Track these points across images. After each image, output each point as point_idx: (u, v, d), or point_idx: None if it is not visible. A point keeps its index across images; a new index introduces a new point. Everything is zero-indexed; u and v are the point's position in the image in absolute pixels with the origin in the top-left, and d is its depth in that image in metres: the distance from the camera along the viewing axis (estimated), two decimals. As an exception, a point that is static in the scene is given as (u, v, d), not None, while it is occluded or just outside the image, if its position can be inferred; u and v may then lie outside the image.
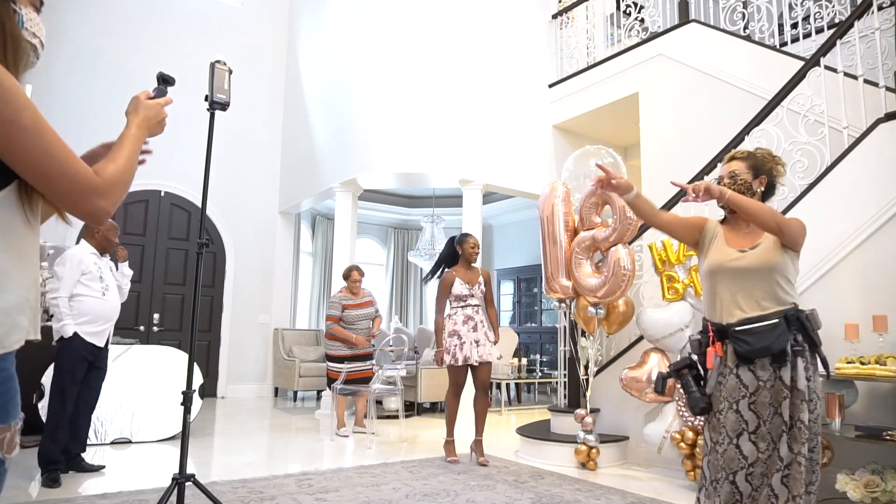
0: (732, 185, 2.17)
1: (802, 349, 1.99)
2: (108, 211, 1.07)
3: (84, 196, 1.03)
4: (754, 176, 2.19)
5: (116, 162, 1.12)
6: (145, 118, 1.28)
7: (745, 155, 2.24)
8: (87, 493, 3.36)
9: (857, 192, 3.59)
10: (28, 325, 1.04)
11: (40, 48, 1.09)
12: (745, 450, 2.00)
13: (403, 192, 10.73)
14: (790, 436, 1.95)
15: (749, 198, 2.13)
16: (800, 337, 2.01)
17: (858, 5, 4.00)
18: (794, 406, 1.96)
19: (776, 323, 2.01)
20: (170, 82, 1.64)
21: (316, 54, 8.10)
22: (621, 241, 4.17)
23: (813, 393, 1.99)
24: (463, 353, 4.29)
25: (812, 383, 2.00)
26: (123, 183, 1.11)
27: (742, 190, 2.16)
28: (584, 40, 7.22)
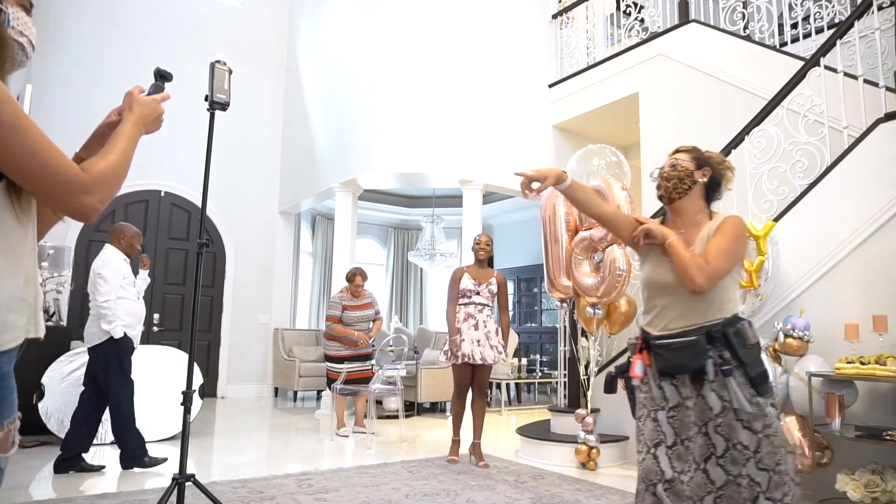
0: (673, 173, 2.04)
1: (732, 367, 1.82)
2: (95, 208, 1.06)
3: (69, 193, 1.01)
4: (697, 167, 2.05)
5: (107, 159, 1.10)
6: (141, 115, 1.26)
7: (689, 148, 2.14)
8: (88, 493, 3.37)
9: (857, 192, 3.59)
10: (26, 323, 1.03)
11: (29, 47, 1.08)
12: (661, 463, 1.87)
13: (403, 192, 10.73)
14: (726, 458, 1.82)
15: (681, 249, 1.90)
16: (727, 354, 1.84)
17: (858, 5, 4.00)
18: (731, 428, 1.82)
19: (694, 340, 1.85)
20: (167, 78, 1.61)
21: (316, 54, 8.10)
22: (617, 241, 4.17)
23: (760, 411, 1.81)
24: (461, 351, 4.28)
25: (760, 401, 1.82)
26: (113, 180, 1.10)
27: (682, 176, 2.02)
28: (584, 40, 7.22)
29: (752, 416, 1.81)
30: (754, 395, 1.81)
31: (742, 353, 1.83)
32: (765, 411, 1.82)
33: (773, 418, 1.84)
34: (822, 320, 3.52)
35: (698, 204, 2.05)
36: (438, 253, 9.71)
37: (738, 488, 1.80)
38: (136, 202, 7.79)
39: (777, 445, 1.82)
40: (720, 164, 2.11)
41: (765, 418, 1.82)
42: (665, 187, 2.06)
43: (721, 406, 1.83)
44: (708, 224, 2.01)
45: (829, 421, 3.10)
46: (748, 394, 1.81)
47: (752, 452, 1.80)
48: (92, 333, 3.93)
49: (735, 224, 1.96)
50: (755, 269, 3.64)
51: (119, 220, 7.63)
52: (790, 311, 3.68)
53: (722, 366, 1.83)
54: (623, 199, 4.14)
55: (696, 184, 2.04)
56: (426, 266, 10.09)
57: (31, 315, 1.05)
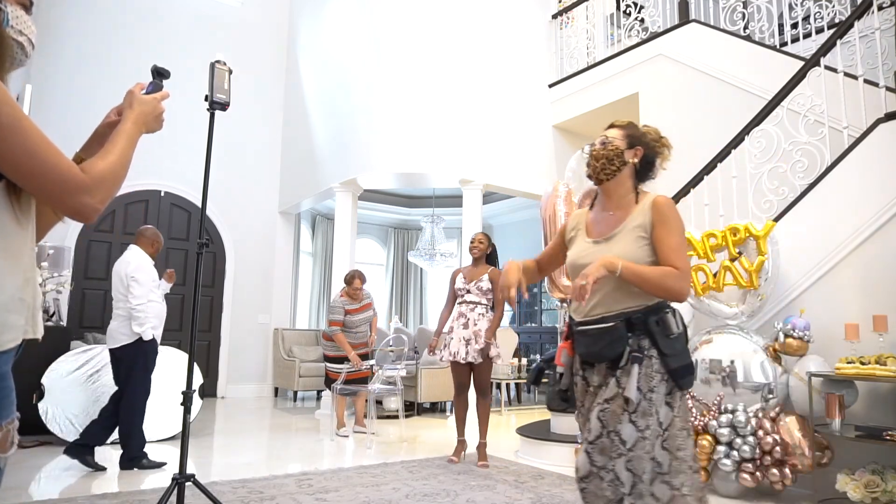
0: (602, 152, 1.89)
1: (643, 357, 1.71)
2: (95, 208, 1.05)
3: (69, 194, 1.01)
4: (629, 146, 1.90)
5: (106, 158, 1.10)
6: (141, 113, 1.24)
7: (624, 123, 1.98)
8: (87, 494, 3.36)
9: (857, 192, 3.59)
10: (25, 324, 1.03)
11: (29, 46, 1.08)
12: (578, 460, 1.76)
13: (403, 192, 10.73)
14: (595, 446, 1.71)
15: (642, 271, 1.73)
16: (646, 342, 1.73)
17: (858, 5, 3.99)
18: (614, 415, 1.69)
19: (612, 326, 1.74)
20: (165, 75, 1.59)
21: (316, 54, 8.10)
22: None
23: (650, 407, 1.68)
24: (449, 349, 4.34)
25: (652, 396, 1.69)
26: (113, 180, 1.09)
27: (611, 156, 1.88)
28: (584, 40, 7.22)
29: (641, 411, 1.68)
30: (650, 391, 1.69)
31: (662, 343, 1.72)
32: (652, 411, 1.69)
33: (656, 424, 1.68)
34: (822, 320, 3.52)
35: (627, 185, 1.91)
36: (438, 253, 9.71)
37: (601, 482, 1.69)
38: (136, 202, 7.79)
39: (648, 452, 1.67)
40: (656, 141, 1.97)
41: (649, 419, 1.67)
42: (593, 167, 1.91)
43: (615, 392, 1.71)
44: (637, 207, 1.87)
45: (830, 421, 3.10)
46: (646, 387, 1.69)
47: (626, 449, 1.67)
48: (120, 334, 4.04)
49: (672, 211, 1.83)
50: (755, 269, 3.64)
51: (119, 219, 7.64)
52: (790, 311, 3.68)
53: (634, 352, 1.71)
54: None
55: (626, 164, 1.90)
56: (426, 266, 10.09)
57: (30, 316, 1.05)
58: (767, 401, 3.49)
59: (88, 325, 7.16)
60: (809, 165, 4.00)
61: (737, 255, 3.77)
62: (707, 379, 3.67)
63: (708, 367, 3.67)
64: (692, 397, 3.70)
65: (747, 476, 3.35)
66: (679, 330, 1.76)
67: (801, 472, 3.30)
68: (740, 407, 3.47)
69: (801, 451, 3.24)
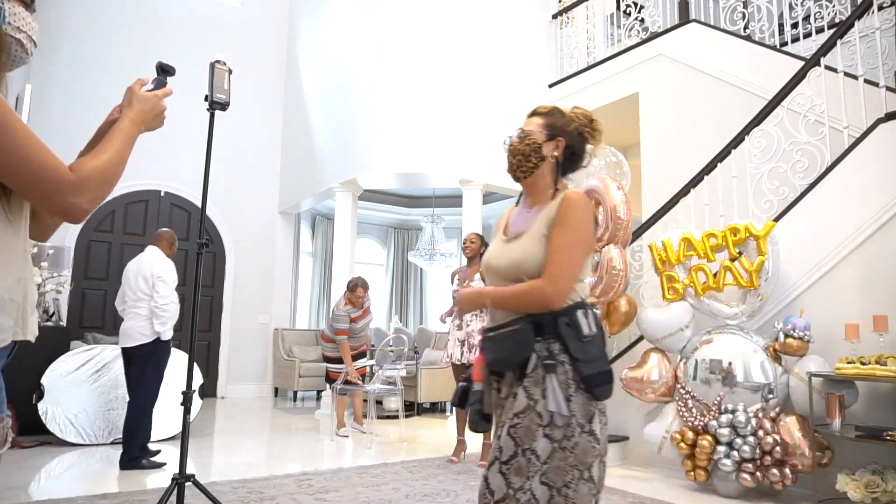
0: (519, 147, 1.73)
1: (556, 363, 1.52)
2: (83, 209, 1.02)
3: (56, 193, 0.98)
4: (549, 137, 1.73)
5: (99, 158, 1.06)
6: (141, 111, 1.20)
7: (546, 111, 1.81)
8: (88, 494, 3.36)
9: (857, 192, 3.59)
10: (14, 325, 1.01)
11: (29, 44, 1.06)
12: (492, 483, 1.53)
13: (403, 192, 10.72)
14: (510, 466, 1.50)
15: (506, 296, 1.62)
16: (556, 346, 1.54)
17: (858, 5, 3.99)
18: (527, 431, 1.50)
19: (516, 329, 1.57)
20: (170, 72, 1.53)
21: (316, 54, 8.10)
22: (614, 240, 4.17)
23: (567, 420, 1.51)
24: (447, 351, 4.39)
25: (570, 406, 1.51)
26: (103, 180, 1.05)
27: (528, 152, 1.71)
28: (585, 40, 7.21)
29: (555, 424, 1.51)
30: (566, 399, 1.51)
31: (573, 346, 1.54)
32: (569, 421, 1.52)
33: (579, 432, 1.52)
34: (822, 320, 3.52)
35: (547, 179, 1.72)
36: (438, 253, 9.70)
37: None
38: (136, 202, 7.78)
39: (571, 464, 1.50)
40: (586, 126, 1.78)
41: (566, 429, 1.51)
42: (510, 163, 1.75)
43: (526, 405, 1.52)
44: (550, 203, 1.67)
45: (830, 421, 3.10)
46: (573, 394, 1.53)
47: (541, 463, 1.50)
48: (138, 333, 4.09)
49: (575, 209, 1.62)
50: (755, 269, 3.64)
51: (119, 219, 7.64)
52: (790, 311, 3.68)
53: (546, 360, 1.54)
54: (619, 199, 4.14)
55: (545, 160, 1.72)
56: (426, 266, 10.08)
57: (20, 317, 1.02)
58: (767, 401, 3.49)
59: (88, 325, 7.15)
60: (809, 165, 4.00)
61: (737, 255, 3.77)
62: (707, 379, 3.67)
63: (708, 367, 3.67)
64: (692, 397, 3.70)
65: (747, 476, 3.35)
66: (592, 331, 1.57)
67: (801, 472, 3.30)
68: (740, 407, 3.47)
69: (802, 451, 3.24)
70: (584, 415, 1.53)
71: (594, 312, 1.64)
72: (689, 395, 3.73)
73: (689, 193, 4.51)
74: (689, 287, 3.95)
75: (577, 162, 1.79)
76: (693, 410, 3.68)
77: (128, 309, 4.16)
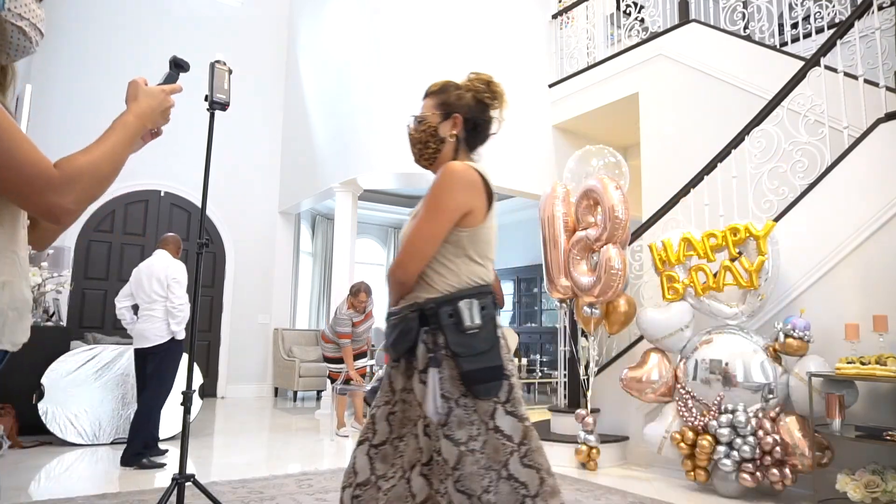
0: (416, 134, 1.66)
1: (438, 356, 1.43)
2: (66, 209, 0.91)
3: (35, 192, 0.88)
4: (444, 116, 1.62)
5: (91, 153, 0.96)
6: (148, 106, 1.11)
7: (438, 87, 1.67)
8: (87, 494, 3.36)
9: (857, 192, 3.59)
10: None
11: (33, 32, 0.97)
12: (357, 463, 1.51)
13: (403, 192, 10.72)
14: (431, 468, 1.43)
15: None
16: (441, 339, 1.44)
17: (858, 5, 3.99)
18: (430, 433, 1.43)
19: (401, 317, 1.50)
20: (184, 68, 1.43)
21: (316, 54, 8.10)
22: (612, 240, 4.17)
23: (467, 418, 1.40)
24: None
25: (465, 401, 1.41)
26: (91, 179, 0.94)
27: (425, 139, 1.63)
28: (584, 40, 7.21)
29: (454, 423, 1.40)
30: (462, 395, 1.41)
31: (453, 339, 1.43)
32: (471, 418, 1.40)
33: (484, 430, 1.41)
34: (822, 320, 3.52)
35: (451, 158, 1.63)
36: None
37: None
38: (136, 202, 7.78)
39: (485, 467, 1.38)
40: (482, 93, 1.66)
41: (470, 427, 1.39)
42: (413, 152, 1.68)
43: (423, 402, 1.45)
44: None
45: (830, 421, 3.10)
46: (456, 392, 1.42)
47: (450, 468, 1.39)
48: (154, 335, 4.22)
49: (442, 181, 1.51)
50: (755, 269, 3.65)
51: (119, 219, 7.64)
52: (790, 311, 3.68)
53: (430, 352, 1.44)
54: (617, 198, 4.14)
55: (444, 141, 1.63)
56: (426, 266, 10.07)
57: (2, 322, 0.94)
58: (767, 401, 3.49)
59: (88, 325, 7.15)
60: (809, 165, 4.00)
61: (737, 255, 3.77)
62: (707, 379, 3.67)
63: (708, 367, 3.67)
64: (692, 397, 3.70)
65: (747, 476, 3.35)
66: (476, 323, 1.44)
67: (801, 472, 3.30)
68: (740, 407, 3.47)
69: (802, 451, 3.24)
70: (484, 411, 1.41)
71: (489, 302, 1.50)
72: (689, 395, 3.73)
73: (689, 193, 4.51)
74: (689, 287, 3.95)
75: (482, 132, 1.70)
76: (693, 410, 3.68)
77: (141, 311, 4.30)
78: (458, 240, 1.51)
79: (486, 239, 1.55)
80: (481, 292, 1.50)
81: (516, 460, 1.42)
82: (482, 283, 1.52)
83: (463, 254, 1.52)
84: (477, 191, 1.52)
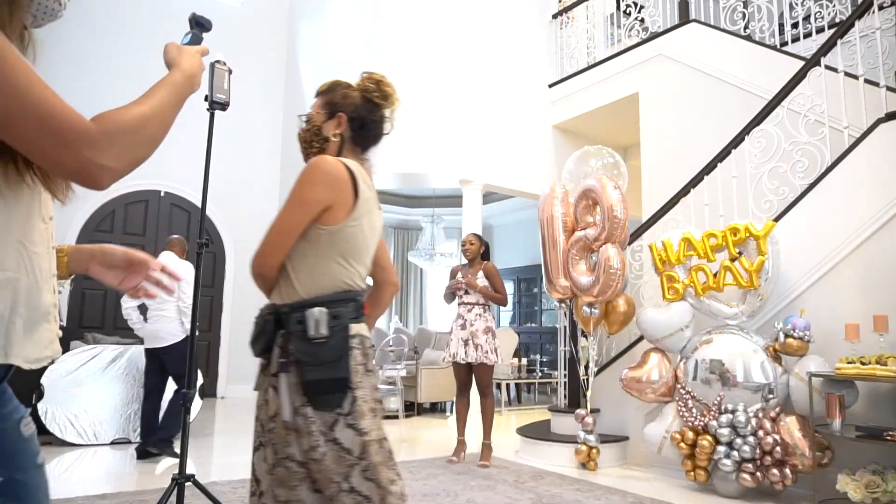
0: (303, 134, 1.62)
1: (288, 362, 1.40)
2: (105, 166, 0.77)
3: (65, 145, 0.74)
4: (328, 116, 1.60)
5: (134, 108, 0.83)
6: (192, 66, 0.99)
7: (326, 87, 1.64)
8: (87, 494, 3.36)
9: (857, 192, 3.59)
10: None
11: None
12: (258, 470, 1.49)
13: (403, 192, 10.73)
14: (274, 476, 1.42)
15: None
16: (291, 346, 1.41)
17: (859, 5, 3.99)
18: (280, 437, 1.40)
19: (262, 316, 1.48)
20: (206, 27, 1.31)
21: (316, 54, 8.10)
22: (611, 240, 4.17)
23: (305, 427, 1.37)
24: (450, 350, 4.37)
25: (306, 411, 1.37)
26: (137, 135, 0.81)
27: (309, 138, 1.60)
28: (585, 40, 7.21)
29: (297, 430, 1.38)
30: (303, 405, 1.38)
31: (298, 347, 1.39)
32: (310, 429, 1.36)
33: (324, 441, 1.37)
34: (822, 320, 3.52)
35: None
36: (438, 253, 9.71)
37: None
38: (136, 202, 7.78)
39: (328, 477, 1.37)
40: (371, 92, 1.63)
41: (310, 438, 1.36)
42: (301, 151, 1.64)
43: (277, 407, 1.41)
44: None
45: (830, 421, 3.10)
46: (299, 400, 1.38)
47: (304, 474, 1.39)
48: (169, 334, 4.34)
49: (304, 175, 1.45)
50: (755, 269, 3.64)
51: (119, 219, 7.64)
52: (790, 311, 3.68)
53: (280, 356, 1.42)
54: (616, 198, 4.15)
55: (328, 141, 1.59)
56: (426, 266, 10.09)
57: (3, 331, 0.77)
58: (768, 401, 3.49)
59: (88, 325, 7.15)
60: (809, 165, 4.00)
61: (737, 255, 3.77)
62: (707, 379, 3.67)
63: (708, 367, 3.67)
64: (692, 397, 3.70)
65: (747, 476, 3.35)
66: (321, 333, 1.39)
67: (801, 472, 3.30)
68: (740, 407, 3.47)
69: (802, 451, 3.24)
70: (324, 422, 1.37)
71: (345, 311, 1.44)
72: (689, 395, 3.73)
73: (689, 193, 4.51)
74: (689, 287, 3.95)
75: (371, 131, 1.66)
76: (693, 410, 3.68)
77: (151, 312, 4.36)
78: (317, 238, 1.44)
79: (353, 240, 1.48)
80: (340, 299, 1.44)
81: (358, 474, 1.39)
82: (345, 289, 1.46)
83: (324, 255, 1.46)
84: (340, 186, 1.45)
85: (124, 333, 6.42)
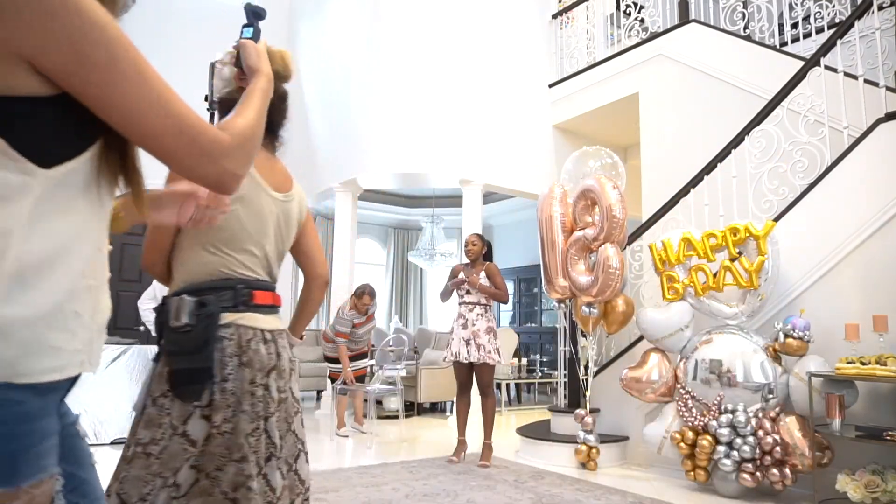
0: None
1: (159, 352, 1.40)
2: (236, 175, 0.83)
3: (209, 158, 0.79)
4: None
5: (246, 117, 0.91)
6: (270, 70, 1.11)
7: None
8: (87, 494, 3.36)
9: (857, 191, 3.59)
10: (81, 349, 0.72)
11: None
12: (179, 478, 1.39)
13: (403, 192, 10.72)
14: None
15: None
16: (164, 336, 1.40)
17: (859, 5, 3.99)
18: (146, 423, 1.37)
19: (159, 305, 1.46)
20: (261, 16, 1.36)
21: (316, 54, 8.09)
22: (610, 240, 4.17)
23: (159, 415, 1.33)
24: (451, 350, 4.36)
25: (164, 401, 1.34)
26: (252, 143, 0.89)
27: None
28: (584, 40, 7.21)
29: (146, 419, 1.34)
30: (162, 395, 1.34)
31: (166, 336, 1.38)
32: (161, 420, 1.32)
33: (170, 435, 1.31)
34: (822, 320, 3.52)
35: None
36: (438, 253, 9.72)
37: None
38: (136, 202, 7.78)
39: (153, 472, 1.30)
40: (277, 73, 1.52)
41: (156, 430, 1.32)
42: None
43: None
44: None
45: (830, 421, 3.10)
46: (159, 390, 1.35)
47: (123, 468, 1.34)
48: None
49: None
50: (755, 269, 3.65)
51: (119, 220, 7.65)
52: (790, 311, 3.68)
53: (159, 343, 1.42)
54: (615, 198, 4.15)
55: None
56: (426, 266, 10.09)
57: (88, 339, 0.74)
58: (767, 401, 3.49)
59: (88, 325, 7.15)
60: (809, 165, 4.00)
61: (737, 255, 3.77)
62: (707, 379, 3.67)
63: (708, 367, 3.67)
64: (692, 397, 3.70)
65: (747, 476, 3.35)
66: (182, 322, 1.35)
67: (801, 472, 3.30)
68: (740, 407, 3.47)
69: (802, 451, 3.24)
70: (179, 414, 1.33)
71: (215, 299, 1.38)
72: (689, 395, 3.73)
73: (688, 193, 4.51)
74: (689, 287, 3.95)
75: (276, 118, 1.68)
76: (693, 410, 3.68)
77: None
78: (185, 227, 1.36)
79: (226, 227, 1.42)
80: (213, 287, 1.40)
81: (186, 468, 1.32)
82: (221, 277, 1.42)
83: (192, 244, 1.43)
84: None
85: (124, 333, 6.42)
